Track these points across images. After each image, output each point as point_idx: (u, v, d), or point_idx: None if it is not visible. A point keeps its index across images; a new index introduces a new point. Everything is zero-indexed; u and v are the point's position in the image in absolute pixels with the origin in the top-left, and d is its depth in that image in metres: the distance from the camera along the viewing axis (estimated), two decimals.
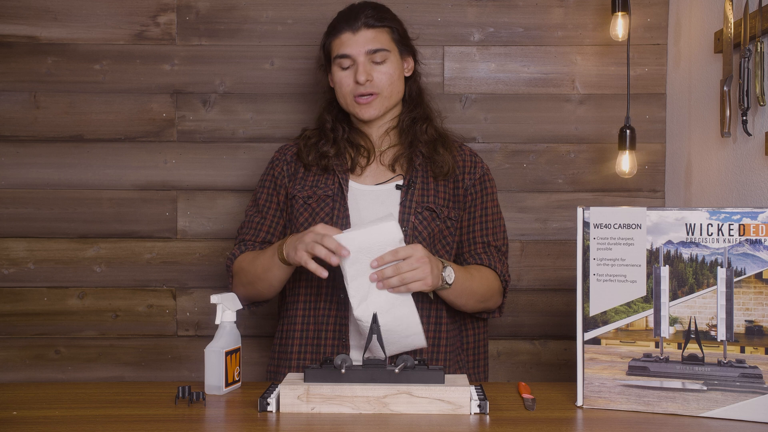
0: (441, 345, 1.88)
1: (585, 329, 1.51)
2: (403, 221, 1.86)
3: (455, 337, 1.94)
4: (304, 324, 1.89)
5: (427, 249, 1.72)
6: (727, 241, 1.42)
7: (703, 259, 1.43)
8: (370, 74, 1.89)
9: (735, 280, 1.41)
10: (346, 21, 1.92)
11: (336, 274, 1.82)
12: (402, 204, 1.88)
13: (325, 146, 1.95)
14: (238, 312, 2.37)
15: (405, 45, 1.96)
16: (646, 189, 2.37)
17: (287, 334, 1.93)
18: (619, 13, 2.16)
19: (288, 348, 1.91)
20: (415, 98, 1.99)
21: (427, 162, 1.93)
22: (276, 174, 1.99)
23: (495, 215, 1.97)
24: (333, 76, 1.95)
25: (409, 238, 1.85)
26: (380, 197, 1.91)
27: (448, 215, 1.91)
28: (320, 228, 1.67)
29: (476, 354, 2.00)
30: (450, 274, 1.75)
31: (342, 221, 1.86)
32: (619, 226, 1.48)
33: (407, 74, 1.98)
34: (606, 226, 1.49)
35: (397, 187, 1.91)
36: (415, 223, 1.87)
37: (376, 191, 1.92)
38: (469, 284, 1.82)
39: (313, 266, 1.67)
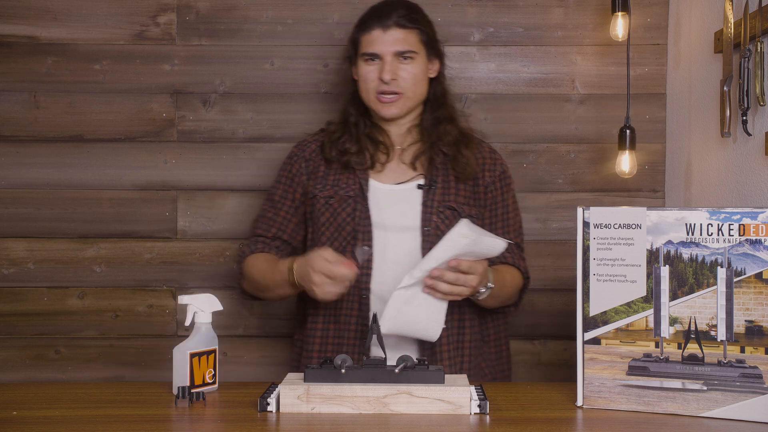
0: (464, 341, 1.90)
1: (585, 329, 1.51)
2: (425, 221, 1.87)
3: (477, 332, 1.94)
4: (326, 324, 1.90)
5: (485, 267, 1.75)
6: (727, 241, 1.42)
7: (703, 259, 1.43)
8: (396, 73, 1.89)
9: (735, 280, 1.41)
10: (378, 17, 1.91)
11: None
12: (424, 204, 1.89)
13: (347, 143, 1.95)
14: (238, 313, 2.38)
15: (433, 47, 1.96)
16: (646, 189, 2.37)
17: (310, 334, 1.93)
18: (619, 13, 2.16)
19: (310, 347, 1.91)
20: (439, 99, 1.99)
21: (448, 161, 1.94)
22: (294, 171, 2.00)
23: (515, 212, 2.00)
24: (358, 69, 1.95)
25: (432, 237, 1.85)
26: (401, 197, 1.91)
27: (469, 213, 1.92)
28: (321, 265, 1.68)
29: (498, 346, 2.01)
30: (485, 293, 1.78)
31: (363, 221, 1.87)
32: (619, 226, 1.48)
33: (432, 75, 1.98)
34: (606, 226, 1.49)
35: (419, 186, 1.91)
36: (438, 223, 1.87)
37: (397, 190, 1.92)
38: (499, 292, 1.84)
39: (339, 294, 1.72)
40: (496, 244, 1.68)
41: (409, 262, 1.81)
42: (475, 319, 1.92)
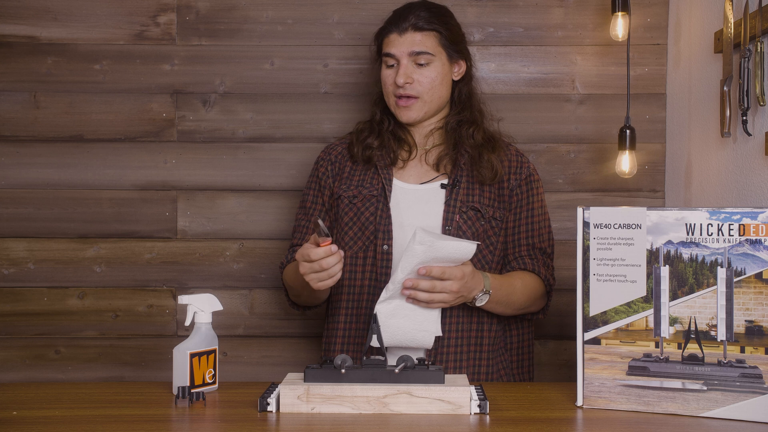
0: (483, 344, 1.88)
1: (585, 329, 1.51)
2: (447, 220, 1.87)
3: (499, 338, 1.93)
4: (347, 323, 1.90)
5: (471, 268, 1.71)
6: (727, 241, 1.42)
7: (703, 259, 1.43)
8: (410, 77, 1.89)
9: (735, 280, 1.41)
10: (395, 21, 1.92)
11: (378, 270, 1.83)
12: (446, 203, 1.89)
13: (369, 138, 1.97)
14: (238, 313, 2.38)
15: (455, 50, 1.95)
16: (646, 189, 2.37)
17: (332, 333, 1.93)
18: (619, 13, 2.16)
19: (332, 347, 1.92)
20: (464, 101, 1.99)
21: (472, 162, 1.93)
22: (320, 175, 2.01)
23: (540, 216, 1.97)
24: (381, 72, 1.96)
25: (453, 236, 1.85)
26: (424, 196, 1.91)
27: (493, 215, 1.91)
28: (301, 254, 1.67)
29: (520, 354, 1.98)
30: (483, 298, 1.76)
31: (384, 221, 1.87)
32: (619, 226, 1.48)
33: (456, 78, 1.98)
34: (606, 226, 1.49)
35: (442, 186, 1.91)
36: (459, 223, 1.87)
37: (421, 190, 1.92)
38: (506, 299, 1.83)
39: (330, 283, 1.68)
40: (462, 247, 1.65)
41: None
42: (494, 325, 1.90)
